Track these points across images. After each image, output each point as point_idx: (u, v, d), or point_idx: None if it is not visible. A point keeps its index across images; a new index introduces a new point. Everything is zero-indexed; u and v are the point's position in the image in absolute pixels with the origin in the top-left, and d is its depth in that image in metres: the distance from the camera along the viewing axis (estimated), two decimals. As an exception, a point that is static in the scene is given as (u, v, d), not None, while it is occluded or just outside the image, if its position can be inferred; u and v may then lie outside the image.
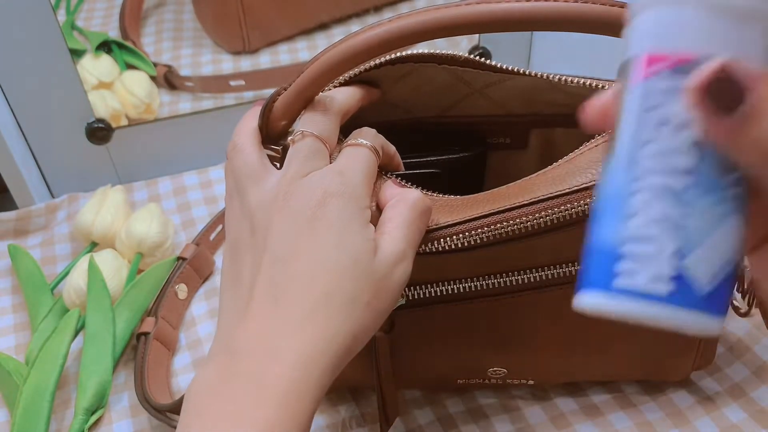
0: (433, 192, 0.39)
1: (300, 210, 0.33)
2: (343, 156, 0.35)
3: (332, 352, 0.31)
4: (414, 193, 0.35)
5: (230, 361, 0.31)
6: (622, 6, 0.34)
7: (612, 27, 0.34)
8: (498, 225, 0.37)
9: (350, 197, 0.33)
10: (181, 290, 0.55)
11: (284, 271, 0.32)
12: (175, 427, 0.44)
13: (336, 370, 0.32)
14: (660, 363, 0.45)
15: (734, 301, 0.43)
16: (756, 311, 0.42)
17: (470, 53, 0.72)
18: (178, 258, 0.57)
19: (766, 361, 0.48)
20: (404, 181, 0.38)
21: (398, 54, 0.41)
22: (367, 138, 0.36)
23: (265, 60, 0.74)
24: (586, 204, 0.37)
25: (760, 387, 0.47)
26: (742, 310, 0.42)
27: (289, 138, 0.36)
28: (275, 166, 0.36)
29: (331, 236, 0.32)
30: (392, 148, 0.39)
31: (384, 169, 0.38)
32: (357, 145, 0.36)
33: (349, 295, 0.32)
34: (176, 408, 0.45)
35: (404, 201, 0.35)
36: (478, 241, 0.37)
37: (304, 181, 0.33)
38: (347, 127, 0.39)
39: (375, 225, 0.34)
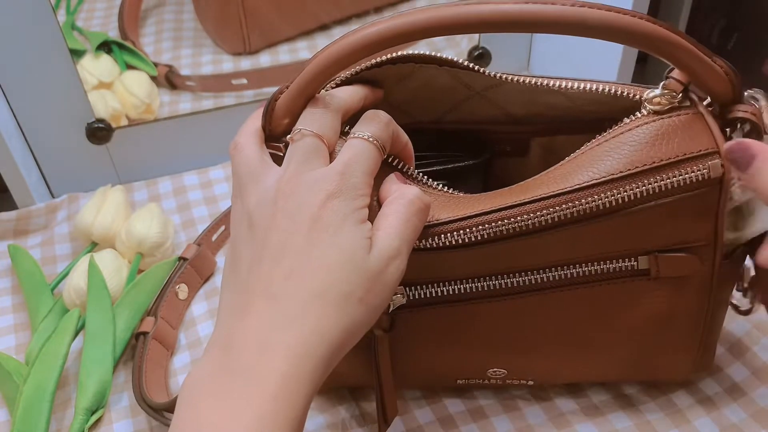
0: (438, 184, 0.40)
1: (298, 210, 0.33)
2: (346, 152, 0.35)
3: (325, 346, 0.32)
4: (412, 191, 0.36)
5: (225, 356, 0.32)
6: (618, 12, 0.34)
7: (609, 32, 0.34)
8: (498, 222, 0.37)
9: (348, 197, 0.33)
10: (182, 290, 0.55)
11: (281, 270, 0.32)
12: None
13: (329, 364, 0.32)
14: (658, 366, 0.45)
15: (732, 301, 0.43)
16: (758, 307, 0.42)
17: (470, 53, 0.72)
18: (180, 258, 0.57)
19: (765, 362, 0.48)
20: (414, 171, 0.38)
21: (399, 53, 0.41)
22: (374, 130, 0.36)
23: (265, 60, 0.75)
24: (587, 203, 0.37)
25: (760, 387, 0.47)
26: (743, 309, 0.42)
27: (288, 136, 0.36)
28: (279, 165, 0.36)
29: (327, 235, 0.33)
30: (404, 137, 0.39)
31: (395, 158, 0.38)
32: (362, 140, 0.36)
33: (343, 292, 0.32)
34: (173, 406, 0.45)
35: (401, 198, 0.35)
36: (478, 238, 0.37)
37: (303, 181, 0.34)
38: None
39: (376, 218, 0.35)
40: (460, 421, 0.46)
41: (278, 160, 0.36)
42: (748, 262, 0.41)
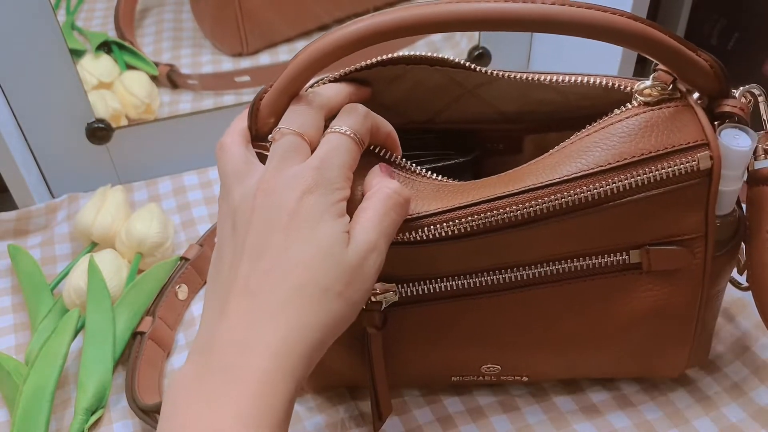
0: (426, 171, 0.39)
1: (276, 207, 0.33)
2: (322, 147, 0.35)
3: (305, 342, 0.32)
4: (391, 185, 0.36)
5: (207, 357, 0.32)
6: (597, 9, 0.34)
7: (585, 29, 0.34)
8: (487, 213, 0.37)
9: (324, 192, 0.34)
10: (182, 291, 0.55)
11: (260, 267, 0.33)
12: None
13: (311, 361, 0.33)
14: (653, 361, 0.45)
15: (732, 276, 0.43)
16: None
17: (470, 53, 0.72)
18: (181, 258, 0.57)
19: (765, 361, 0.48)
20: (401, 160, 0.38)
21: (390, 55, 0.41)
22: (351, 123, 0.36)
23: (264, 61, 0.74)
24: (575, 194, 0.37)
25: (759, 386, 0.47)
26: (743, 285, 0.43)
27: (270, 136, 0.36)
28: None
29: (305, 231, 0.33)
30: (386, 127, 0.39)
31: (379, 147, 0.38)
32: (339, 134, 0.36)
33: (321, 287, 0.32)
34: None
35: (379, 192, 0.36)
36: (467, 230, 0.37)
37: (280, 179, 0.34)
38: None
39: (354, 213, 0.35)
40: (459, 421, 0.46)
41: (265, 159, 0.36)
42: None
